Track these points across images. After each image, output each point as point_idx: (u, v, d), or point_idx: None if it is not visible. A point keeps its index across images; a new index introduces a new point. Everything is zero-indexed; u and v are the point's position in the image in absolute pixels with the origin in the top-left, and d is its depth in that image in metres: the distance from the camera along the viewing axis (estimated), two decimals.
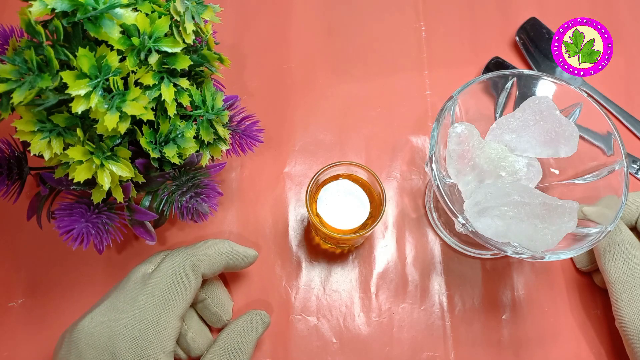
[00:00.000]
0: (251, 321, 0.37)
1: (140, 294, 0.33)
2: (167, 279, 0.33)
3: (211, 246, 0.36)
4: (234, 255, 0.37)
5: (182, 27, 0.30)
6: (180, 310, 0.33)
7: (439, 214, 0.44)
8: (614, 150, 0.37)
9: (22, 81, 0.26)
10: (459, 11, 0.52)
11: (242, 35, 0.50)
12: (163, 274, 0.34)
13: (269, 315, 0.38)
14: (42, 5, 0.26)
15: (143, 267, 0.36)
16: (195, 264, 0.34)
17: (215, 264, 0.36)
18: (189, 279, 0.34)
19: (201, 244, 0.36)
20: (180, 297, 0.33)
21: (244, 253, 0.38)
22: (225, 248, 0.37)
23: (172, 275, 0.34)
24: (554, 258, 0.34)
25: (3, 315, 0.40)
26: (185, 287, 0.34)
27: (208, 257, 0.35)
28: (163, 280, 0.33)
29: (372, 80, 0.49)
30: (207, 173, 0.37)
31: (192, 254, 0.35)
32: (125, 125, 0.29)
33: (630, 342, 0.36)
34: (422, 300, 0.42)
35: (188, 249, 0.36)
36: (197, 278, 0.34)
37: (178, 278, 0.34)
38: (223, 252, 0.36)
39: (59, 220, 0.32)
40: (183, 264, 0.34)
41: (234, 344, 0.35)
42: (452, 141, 0.37)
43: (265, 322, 0.37)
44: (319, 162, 0.46)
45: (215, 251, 0.36)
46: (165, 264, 0.34)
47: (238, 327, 0.36)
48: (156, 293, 0.33)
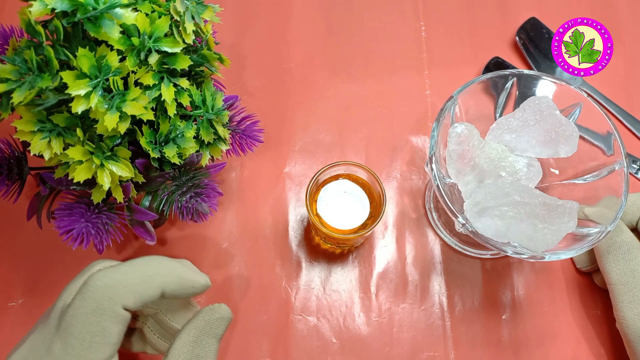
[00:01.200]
0: (205, 326, 0.30)
1: (55, 339, 0.27)
2: (80, 321, 0.26)
3: (142, 272, 0.28)
4: (173, 283, 0.29)
5: (182, 27, 0.30)
6: (104, 355, 0.27)
7: (439, 214, 0.44)
8: (614, 150, 0.37)
9: (22, 81, 0.26)
10: (459, 11, 0.52)
11: (242, 35, 0.50)
12: (75, 314, 0.27)
13: (228, 308, 0.31)
14: (42, 5, 0.26)
15: (69, 289, 0.29)
16: (112, 299, 0.27)
17: (144, 295, 0.28)
18: (106, 320, 0.27)
19: (129, 266, 0.28)
20: (99, 341, 0.27)
21: (190, 281, 0.29)
22: (161, 275, 0.29)
23: (85, 316, 0.26)
24: (554, 258, 0.34)
25: (3, 315, 0.40)
26: (103, 330, 0.27)
27: (134, 288, 0.27)
28: (75, 323, 0.26)
29: (372, 80, 0.49)
30: (207, 173, 0.37)
31: (110, 285, 0.27)
32: (125, 125, 0.29)
33: (631, 343, 0.36)
34: (422, 300, 0.42)
35: (108, 274, 0.27)
36: (118, 315, 0.27)
37: (92, 319, 0.26)
38: (157, 281, 0.28)
39: (59, 220, 0.32)
40: (97, 300, 0.27)
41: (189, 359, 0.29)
42: (452, 141, 0.37)
43: (224, 321, 0.30)
44: (319, 162, 0.46)
45: (145, 279, 0.28)
46: (77, 300, 0.27)
47: (190, 337, 0.29)
48: (69, 341, 0.26)
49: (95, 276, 0.28)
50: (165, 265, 0.29)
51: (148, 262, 0.29)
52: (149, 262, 0.29)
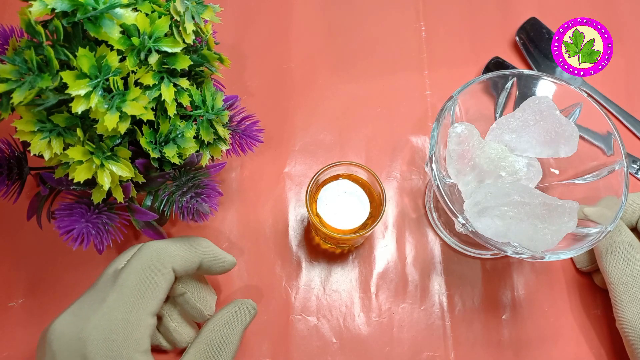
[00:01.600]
0: (236, 312, 0.35)
1: (110, 292, 0.31)
2: (136, 275, 0.31)
3: (186, 242, 0.34)
4: (209, 255, 0.35)
5: (182, 27, 0.30)
6: (152, 307, 0.31)
7: (439, 214, 0.44)
8: (614, 150, 0.37)
9: (22, 81, 0.26)
10: (459, 11, 0.52)
11: (242, 35, 0.50)
12: (132, 270, 0.31)
13: (255, 303, 0.36)
14: (42, 5, 0.26)
15: (117, 261, 0.34)
16: (165, 259, 0.32)
17: (188, 260, 0.33)
18: (159, 275, 0.32)
19: (176, 239, 0.35)
20: (151, 294, 0.31)
21: (221, 256, 0.35)
22: (201, 246, 0.34)
23: (141, 271, 0.31)
24: (554, 258, 0.34)
25: (3, 315, 0.40)
26: (155, 283, 0.31)
27: (180, 253, 0.33)
28: (131, 277, 0.31)
29: (372, 80, 0.49)
30: (207, 173, 0.37)
31: (163, 248, 0.33)
32: (125, 125, 0.29)
33: (631, 343, 0.36)
34: (422, 300, 0.42)
35: (160, 242, 0.33)
36: (168, 273, 0.32)
37: (147, 274, 0.31)
38: (198, 250, 0.34)
39: (59, 220, 0.32)
40: (152, 258, 0.32)
41: (218, 337, 0.34)
42: (452, 141, 0.37)
43: (251, 311, 0.35)
44: (319, 162, 0.46)
45: (189, 247, 0.34)
46: (134, 259, 0.32)
47: (222, 319, 0.34)
48: (125, 291, 0.31)
49: (149, 243, 0.33)
50: (203, 241, 0.35)
51: (190, 238, 0.35)
52: (191, 238, 0.35)
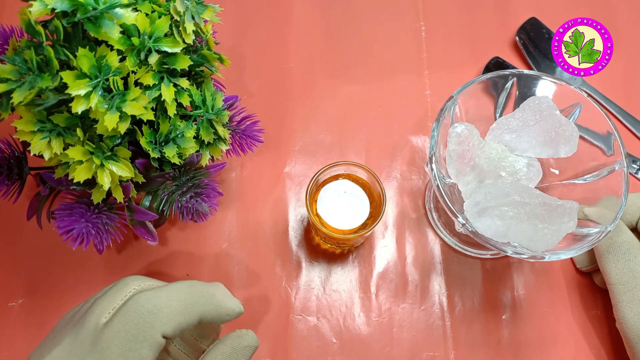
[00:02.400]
0: (232, 353, 0.30)
1: (89, 356, 0.27)
2: (119, 343, 0.27)
3: (183, 299, 0.28)
4: (212, 312, 0.29)
5: (182, 27, 0.30)
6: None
7: (439, 214, 0.44)
8: (614, 150, 0.37)
9: (22, 81, 0.26)
10: (459, 12, 0.52)
11: (242, 35, 0.50)
12: (114, 336, 0.27)
13: (255, 336, 0.31)
14: (42, 5, 0.26)
15: (101, 305, 0.28)
16: (155, 327, 0.27)
17: (183, 323, 0.28)
18: (146, 346, 0.27)
19: (173, 291, 0.29)
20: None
21: (226, 309, 0.30)
22: (201, 303, 0.29)
23: (125, 341, 0.27)
24: (554, 258, 0.34)
25: (3, 315, 0.40)
26: (140, 356, 0.27)
27: (175, 317, 0.28)
28: (113, 345, 0.27)
29: (372, 80, 0.49)
30: (207, 173, 0.37)
31: (153, 312, 0.27)
32: (125, 125, 0.29)
33: (631, 343, 0.36)
34: (422, 300, 0.42)
35: (152, 299, 0.28)
36: (157, 341, 0.27)
37: (132, 345, 0.27)
38: (197, 309, 0.29)
39: (59, 220, 0.32)
40: (139, 325, 0.27)
41: None
42: (452, 141, 0.37)
43: (249, 350, 0.31)
44: (319, 162, 0.46)
45: (186, 307, 0.28)
46: (118, 321, 0.27)
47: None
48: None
49: (138, 300, 0.28)
50: (204, 292, 0.29)
51: (188, 289, 0.29)
52: (189, 289, 0.29)
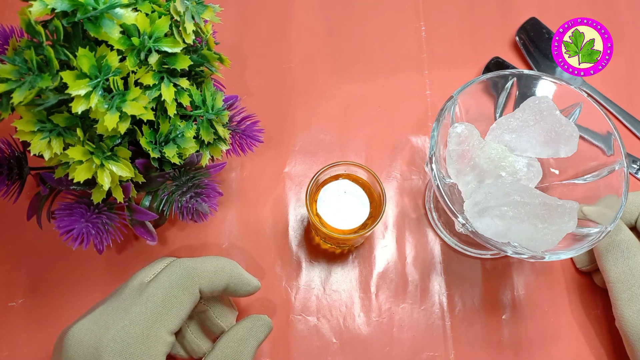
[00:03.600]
0: (251, 328, 0.35)
1: (134, 304, 0.31)
2: (163, 291, 0.31)
3: (215, 263, 0.34)
4: (236, 278, 0.35)
5: (182, 27, 0.30)
6: (173, 325, 0.31)
7: (439, 214, 0.44)
8: (614, 150, 0.37)
9: (22, 81, 0.26)
10: (459, 11, 0.52)
11: (242, 35, 0.50)
12: (159, 285, 0.32)
13: (270, 319, 0.36)
14: (42, 5, 0.26)
15: (143, 273, 0.34)
16: (194, 279, 0.32)
17: (216, 282, 0.33)
18: (186, 294, 0.32)
19: (205, 258, 0.34)
20: (175, 312, 0.31)
21: (247, 280, 0.35)
22: (229, 269, 0.34)
23: (169, 288, 0.32)
24: (554, 258, 0.34)
25: (3, 315, 0.40)
26: (180, 302, 0.32)
27: (209, 274, 0.33)
28: (158, 292, 0.31)
29: (372, 80, 0.49)
30: (207, 173, 0.37)
31: (193, 267, 0.33)
32: (125, 125, 0.29)
33: (631, 342, 0.36)
34: (422, 300, 0.42)
35: (190, 261, 0.33)
36: (195, 293, 0.32)
37: (174, 292, 0.32)
38: (226, 273, 0.34)
39: (59, 220, 0.32)
40: (181, 276, 0.32)
41: (232, 353, 0.33)
42: (452, 141, 0.37)
43: (266, 328, 0.35)
44: (319, 162, 0.46)
45: (218, 269, 0.34)
46: (163, 275, 0.32)
47: (237, 335, 0.34)
48: (149, 305, 0.31)
49: (179, 260, 0.33)
50: (231, 263, 0.35)
51: (219, 259, 0.35)
52: (220, 259, 0.35)
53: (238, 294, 0.35)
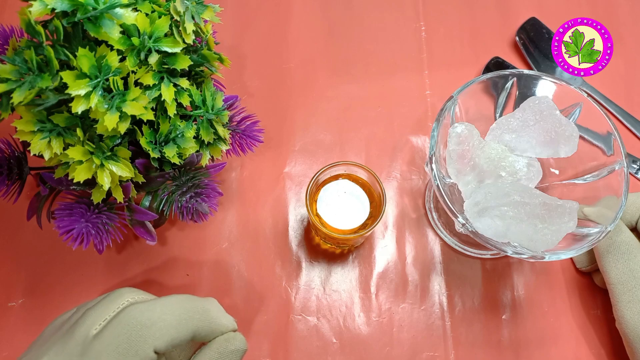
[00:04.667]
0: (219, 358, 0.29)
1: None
2: (108, 357, 0.26)
3: (177, 313, 0.28)
4: (205, 328, 0.29)
5: (182, 27, 0.30)
6: None
7: (439, 214, 0.44)
8: (614, 150, 0.37)
9: (22, 81, 0.26)
10: (459, 11, 0.52)
11: (242, 35, 0.50)
12: (104, 349, 0.26)
13: (243, 338, 0.30)
14: (42, 5, 0.26)
15: (92, 317, 0.27)
16: (147, 341, 0.26)
17: (177, 339, 0.27)
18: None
19: (166, 305, 0.28)
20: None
21: (219, 326, 0.29)
22: (196, 319, 0.28)
23: (115, 354, 0.26)
24: (554, 258, 0.34)
25: (3, 315, 0.40)
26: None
27: (168, 331, 0.27)
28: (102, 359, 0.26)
29: (372, 80, 0.49)
30: (207, 173, 0.37)
31: (146, 326, 0.27)
32: (125, 125, 0.29)
33: (631, 343, 0.36)
34: (422, 300, 0.42)
35: (145, 312, 0.27)
36: (148, 356, 0.27)
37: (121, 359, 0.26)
38: (191, 325, 0.28)
39: (59, 220, 0.32)
40: (131, 339, 0.26)
41: None
42: (452, 141, 0.37)
43: (239, 354, 0.30)
44: (319, 162, 0.46)
45: (180, 322, 0.28)
46: (108, 333, 0.26)
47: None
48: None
49: (130, 312, 0.27)
50: (198, 307, 0.29)
51: (183, 304, 0.28)
52: (184, 304, 0.28)
53: (208, 340, 0.30)
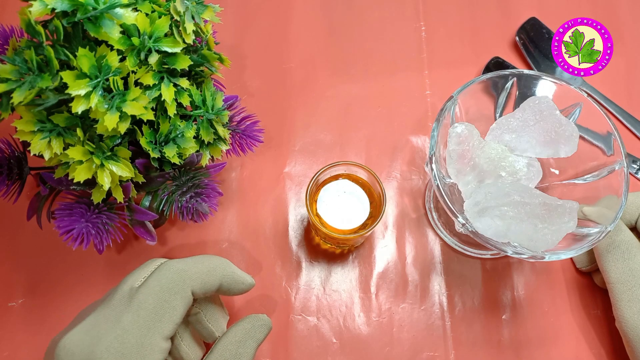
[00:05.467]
0: (250, 329, 0.33)
1: (125, 312, 0.29)
2: (154, 296, 0.30)
3: (206, 263, 0.33)
4: (229, 277, 0.33)
5: (182, 27, 0.30)
6: (167, 331, 0.30)
7: (439, 214, 0.44)
8: (614, 150, 0.37)
9: (22, 81, 0.26)
10: (459, 11, 0.52)
11: (242, 35, 0.50)
12: (150, 291, 0.30)
13: (269, 319, 0.34)
14: (42, 5, 0.26)
15: (133, 277, 0.32)
16: (185, 282, 0.31)
17: (208, 283, 0.32)
18: (178, 298, 0.30)
19: (196, 258, 0.33)
20: (168, 317, 0.30)
21: (241, 278, 0.34)
22: (221, 268, 0.33)
23: (160, 292, 0.30)
24: (554, 258, 0.34)
25: (3, 315, 0.40)
26: (173, 307, 0.30)
27: (201, 275, 0.32)
28: (149, 299, 0.30)
29: (372, 80, 0.49)
30: (207, 173, 0.37)
31: (184, 270, 0.31)
32: (125, 125, 0.29)
33: (631, 342, 0.36)
34: (422, 300, 0.42)
35: (180, 262, 0.32)
36: (187, 296, 0.31)
37: (166, 296, 0.30)
38: (218, 272, 0.33)
39: (59, 220, 0.32)
40: (172, 280, 0.31)
41: (231, 355, 0.32)
42: (452, 141, 0.37)
43: (266, 328, 0.34)
44: (319, 162, 0.46)
45: (210, 269, 0.32)
46: (153, 279, 0.31)
47: (236, 337, 0.33)
48: (141, 313, 0.29)
49: (169, 263, 0.32)
50: (223, 262, 0.34)
51: (211, 258, 0.33)
52: (212, 258, 0.33)
53: (232, 293, 0.34)
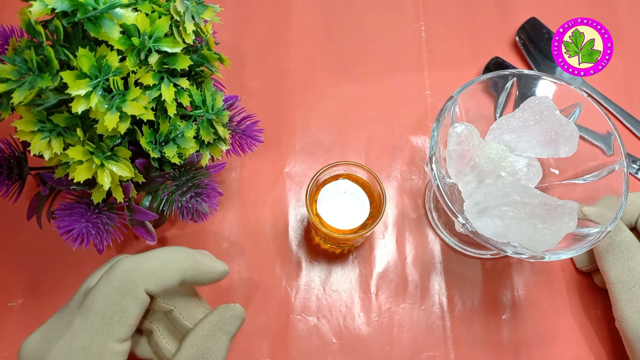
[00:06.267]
0: (219, 322, 0.31)
1: (76, 315, 0.28)
2: (102, 298, 0.28)
3: (162, 258, 0.30)
4: (192, 269, 0.30)
5: (182, 27, 0.30)
6: (119, 334, 0.28)
7: (439, 214, 0.44)
8: (614, 150, 0.37)
9: (22, 81, 0.26)
10: (459, 11, 0.52)
11: (242, 35, 0.50)
12: (98, 293, 0.28)
13: (242, 308, 0.32)
14: (42, 5, 0.26)
15: (91, 277, 0.31)
16: (135, 281, 0.29)
17: (165, 279, 0.29)
18: (128, 299, 0.28)
19: (151, 253, 0.30)
20: (117, 320, 0.28)
21: (208, 268, 0.31)
22: (181, 261, 0.30)
23: (108, 294, 0.28)
24: (554, 258, 0.34)
25: (3, 315, 0.40)
26: (123, 308, 0.28)
27: (154, 272, 0.29)
28: (97, 301, 0.28)
29: (372, 80, 0.49)
30: (207, 173, 0.37)
31: (134, 268, 0.29)
32: (125, 125, 0.29)
33: (630, 342, 0.36)
34: (422, 300, 0.42)
35: (132, 260, 0.30)
36: (140, 297, 0.29)
37: (114, 298, 0.28)
38: (176, 266, 0.30)
39: (59, 220, 0.32)
40: (121, 280, 0.28)
41: (199, 352, 0.30)
42: (452, 141, 0.37)
43: (237, 319, 0.32)
44: (319, 162, 0.46)
45: (165, 264, 0.30)
46: (102, 280, 0.29)
47: (203, 331, 0.31)
48: (90, 316, 0.28)
49: (121, 261, 0.29)
50: (183, 252, 0.31)
51: (168, 250, 0.31)
52: (169, 250, 0.31)
53: (201, 284, 0.31)
